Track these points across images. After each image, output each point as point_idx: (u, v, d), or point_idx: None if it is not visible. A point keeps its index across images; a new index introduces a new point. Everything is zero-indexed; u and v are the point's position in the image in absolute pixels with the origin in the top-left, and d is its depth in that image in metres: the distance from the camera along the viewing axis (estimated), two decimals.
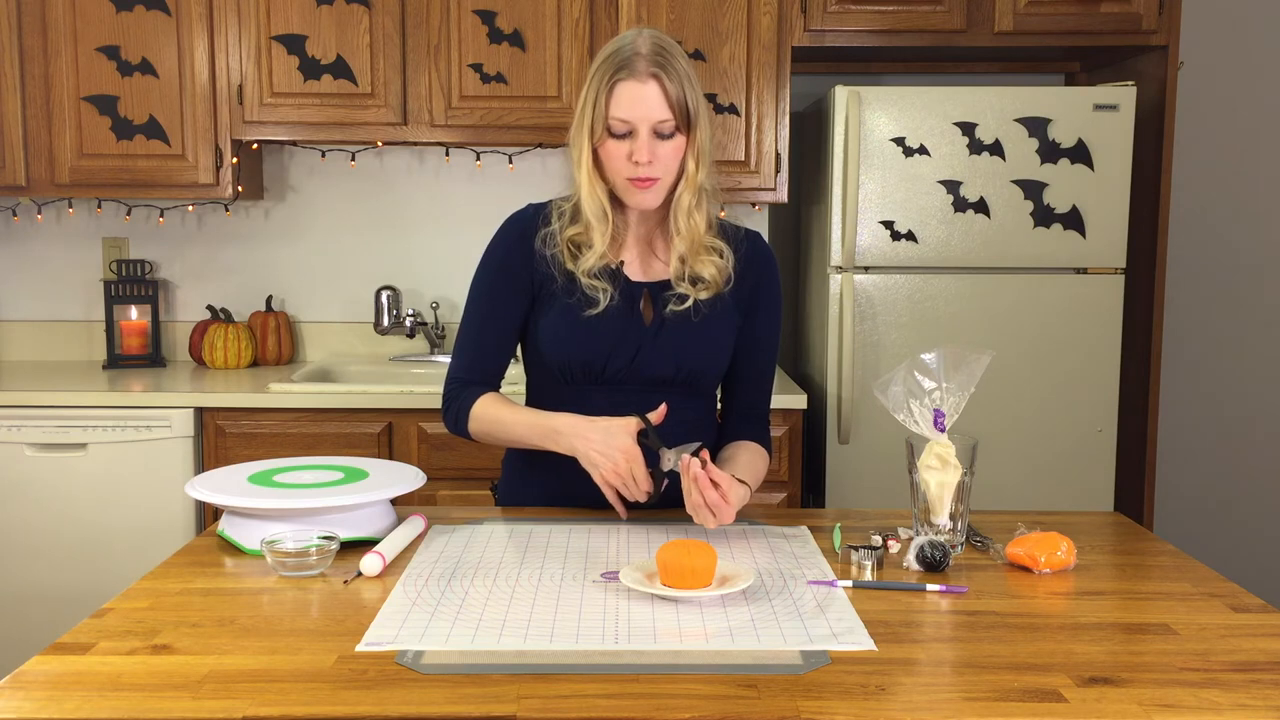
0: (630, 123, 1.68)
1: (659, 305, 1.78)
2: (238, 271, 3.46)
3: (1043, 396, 2.96)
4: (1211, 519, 3.63)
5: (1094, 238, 2.92)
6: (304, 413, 2.88)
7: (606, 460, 1.64)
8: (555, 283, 1.78)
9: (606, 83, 1.69)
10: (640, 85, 1.68)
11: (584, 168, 1.73)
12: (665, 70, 1.68)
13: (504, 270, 1.82)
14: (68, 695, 1.11)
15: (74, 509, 2.87)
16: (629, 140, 1.70)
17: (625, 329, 1.76)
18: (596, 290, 1.75)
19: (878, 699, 1.11)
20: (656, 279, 1.81)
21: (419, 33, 3.06)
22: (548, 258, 1.78)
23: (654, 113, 1.68)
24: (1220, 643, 1.27)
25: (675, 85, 1.69)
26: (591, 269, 1.76)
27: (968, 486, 1.58)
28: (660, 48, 1.70)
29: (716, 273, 1.78)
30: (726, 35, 3.03)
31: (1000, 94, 2.90)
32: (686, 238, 1.76)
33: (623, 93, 1.68)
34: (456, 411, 1.83)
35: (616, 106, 1.68)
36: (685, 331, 1.77)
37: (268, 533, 1.52)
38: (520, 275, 1.80)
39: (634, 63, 1.68)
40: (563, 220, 1.79)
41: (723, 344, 1.82)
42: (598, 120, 1.70)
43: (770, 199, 3.11)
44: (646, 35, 1.72)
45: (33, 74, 3.06)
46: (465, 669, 1.17)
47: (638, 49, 1.69)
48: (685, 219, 1.76)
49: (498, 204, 3.48)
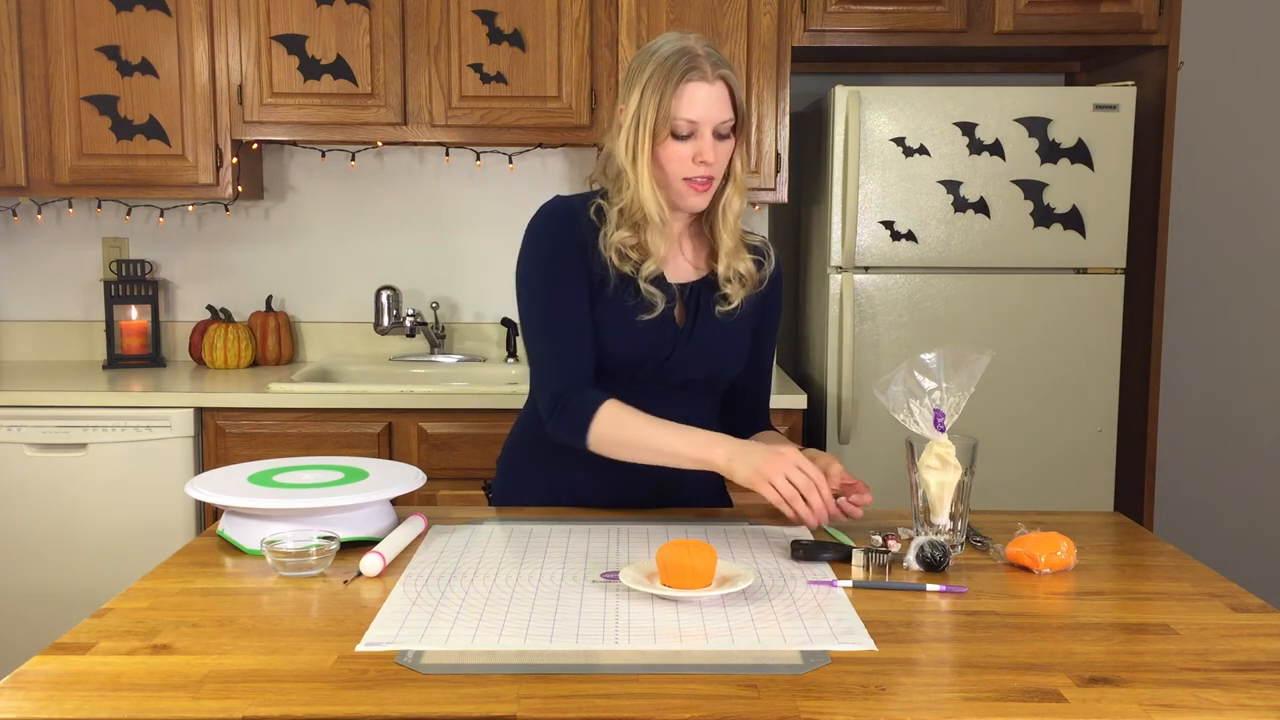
0: (697, 123, 1.68)
1: (691, 307, 1.80)
2: (238, 271, 3.46)
3: (1043, 396, 2.96)
4: (1211, 519, 3.63)
5: (1094, 238, 2.92)
6: (304, 413, 2.88)
7: (790, 473, 1.58)
8: (609, 284, 1.74)
9: (674, 84, 1.67)
10: (709, 86, 1.68)
11: (644, 171, 1.70)
12: (730, 70, 1.71)
13: (563, 259, 1.74)
14: (68, 695, 1.11)
15: (74, 509, 2.87)
16: (692, 141, 1.69)
17: (661, 331, 1.77)
18: (655, 297, 1.74)
19: (878, 699, 1.11)
20: (686, 280, 1.82)
21: (419, 33, 3.06)
22: (608, 259, 1.74)
23: (720, 113, 1.69)
24: (1220, 643, 1.27)
25: (738, 87, 1.71)
26: (651, 275, 1.74)
27: (968, 486, 1.58)
28: (714, 49, 1.72)
29: (755, 270, 1.81)
30: (726, 35, 3.03)
31: (1000, 94, 2.90)
32: (733, 237, 1.78)
33: (693, 93, 1.67)
34: (575, 426, 1.71)
35: (687, 108, 1.67)
36: (714, 333, 1.79)
37: (268, 533, 1.52)
38: (580, 263, 1.74)
39: (700, 64, 1.68)
40: (611, 224, 1.75)
41: (743, 346, 1.85)
42: (662, 121, 1.68)
43: (770, 199, 3.11)
44: (693, 38, 1.72)
45: (33, 74, 3.06)
46: (465, 669, 1.17)
47: (696, 51, 1.69)
48: (735, 220, 1.78)
49: (498, 204, 3.52)
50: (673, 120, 1.68)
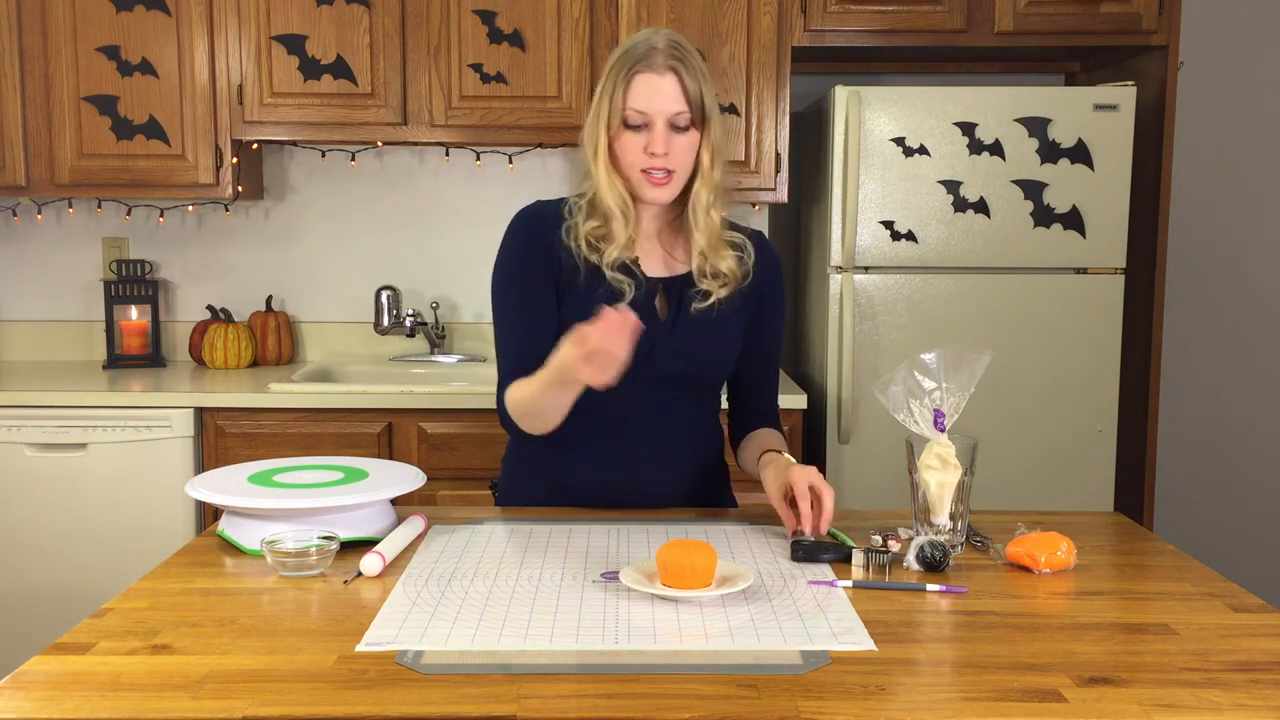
0: (646, 114, 1.70)
1: (673, 301, 1.79)
2: (238, 271, 3.46)
3: (1043, 396, 2.96)
4: (1211, 519, 3.63)
5: (1094, 238, 2.92)
6: (304, 413, 2.88)
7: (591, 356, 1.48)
8: (578, 275, 1.76)
9: (624, 75, 1.70)
10: (658, 77, 1.69)
11: (600, 160, 1.74)
12: (683, 64, 1.70)
13: (525, 263, 1.79)
14: (68, 695, 1.11)
15: (74, 509, 2.87)
16: (645, 132, 1.71)
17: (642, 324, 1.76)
18: (621, 284, 1.75)
19: (878, 699, 1.11)
20: (670, 275, 1.81)
21: (419, 33, 3.06)
22: (571, 249, 1.77)
23: (670, 104, 1.69)
24: (1220, 643, 1.27)
25: (692, 80, 1.71)
26: (615, 261, 1.75)
27: (968, 486, 1.58)
28: (677, 43, 1.73)
29: (736, 267, 1.80)
30: (726, 35, 3.03)
31: (1000, 94, 2.90)
32: (706, 233, 1.77)
33: (640, 85, 1.70)
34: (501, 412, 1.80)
35: (634, 98, 1.70)
36: (699, 328, 1.78)
37: (268, 533, 1.52)
38: (542, 264, 1.78)
39: (652, 56, 1.70)
40: (580, 215, 1.78)
41: (733, 342, 1.83)
42: (614, 112, 1.71)
43: (770, 199, 3.11)
44: (663, 33, 1.74)
45: (33, 74, 3.06)
46: (465, 669, 1.17)
47: (655, 44, 1.71)
48: (704, 215, 1.77)
49: (498, 204, 3.51)
50: (624, 111, 1.70)
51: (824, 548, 1.54)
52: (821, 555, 1.54)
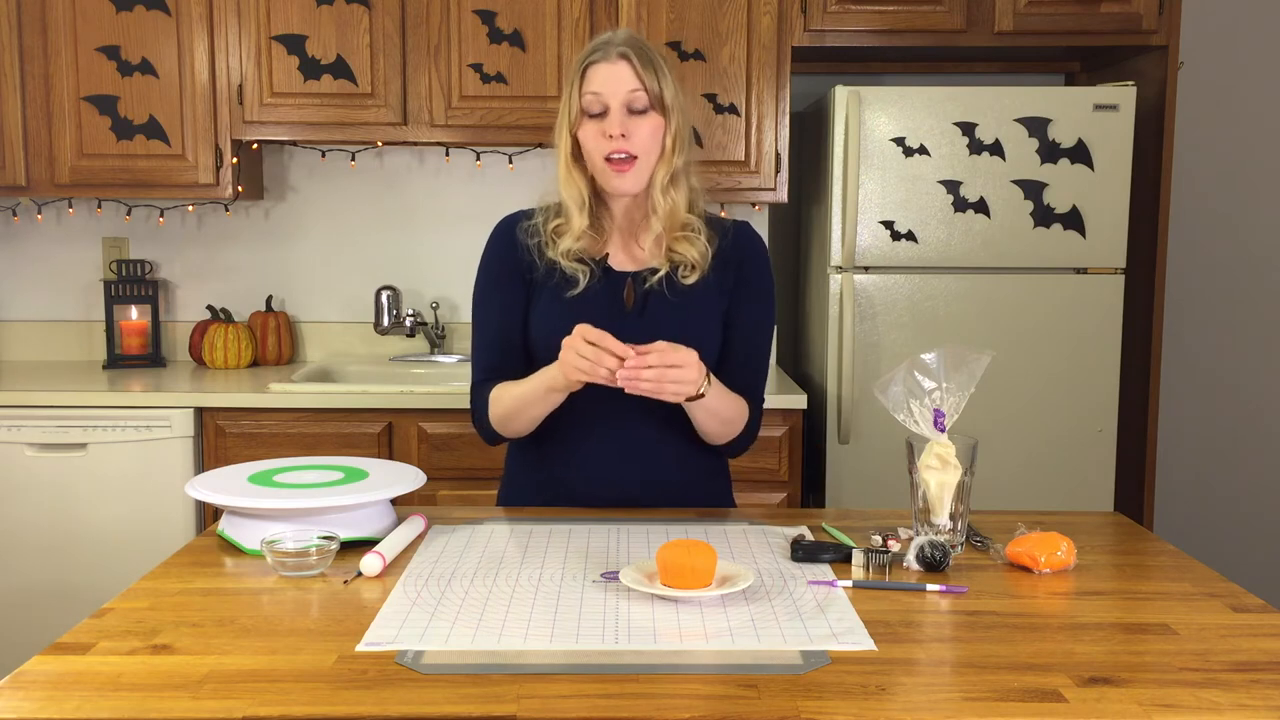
0: (600, 95, 1.74)
1: (640, 293, 1.80)
2: (238, 271, 3.46)
3: (1043, 396, 2.96)
4: (1211, 519, 3.63)
5: (1094, 238, 2.92)
6: (304, 413, 2.88)
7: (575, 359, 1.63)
8: (538, 270, 1.81)
9: (580, 69, 1.76)
10: (610, 65, 1.75)
11: (563, 156, 1.79)
12: (635, 51, 1.75)
13: (495, 269, 1.86)
14: (68, 695, 1.11)
15: (74, 509, 2.87)
16: (603, 119, 1.74)
17: (608, 314, 1.77)
18: (576, 271, 1.79)
19: (878, 699, 1.11)
20: (638, 269, 1.83)
21: (419, 33, 3.06)
22: (530, 247, 1.82)
23: (623, 85, 1.73)
24: (1220, 643, 1.27)
25: (646, 67, 1.75)
26: (570, 251, 1.79)
27: (968, 486, 1.58)
28: (633, 38, 1.78)
29: (695, 253, 1.79)
30: (726, 35, 3.04)
31: (1000, 94, 2.90)
32: (664, 216, 1.79)
33: (594, 72, 1.75)
34: (478, 416, 1.85)
35: (588, 84, 1.75)
36: (667, 314, 1.78)
37: (268, 533, 1.52)
38: (509, 268, 1.84)
39: (605, 48, 1.76)
40: (547, 214, 1.84)
41: (706, 327, 1.81)
42: (573, 104, 1.76)
43: (770, 199, 3.11)
44: (621, 32, 1.80)
45: (33, 74, 3.06)
46: (465, 669, 1.17)
47: (610, 40, 1.77)
48: (661, 195, 1.78)
49: (498, 204, 3.48)
50: (582, 98, 1.75)
51: (824, 547, 1.55)
52: (821, 555, 1.54)
